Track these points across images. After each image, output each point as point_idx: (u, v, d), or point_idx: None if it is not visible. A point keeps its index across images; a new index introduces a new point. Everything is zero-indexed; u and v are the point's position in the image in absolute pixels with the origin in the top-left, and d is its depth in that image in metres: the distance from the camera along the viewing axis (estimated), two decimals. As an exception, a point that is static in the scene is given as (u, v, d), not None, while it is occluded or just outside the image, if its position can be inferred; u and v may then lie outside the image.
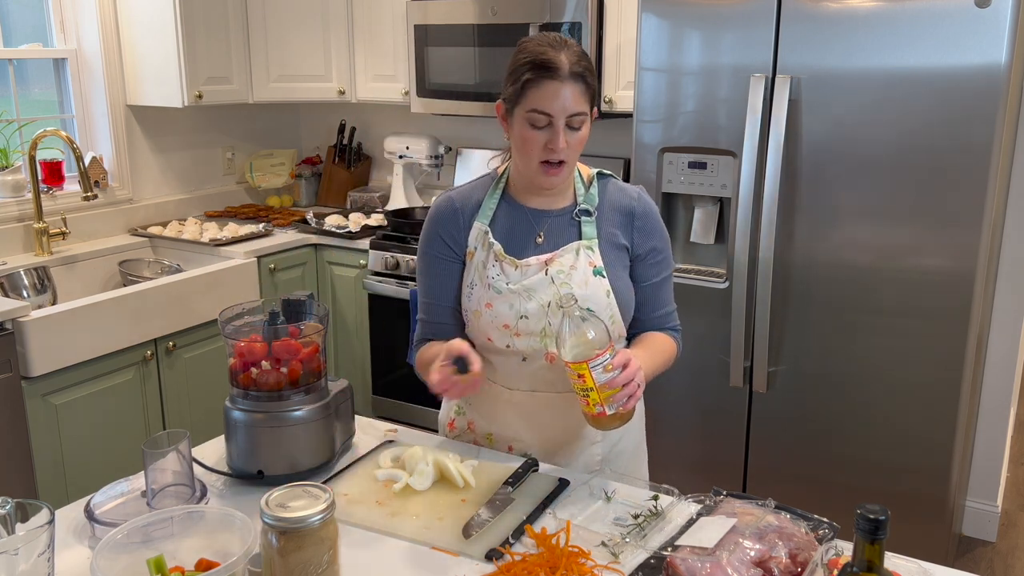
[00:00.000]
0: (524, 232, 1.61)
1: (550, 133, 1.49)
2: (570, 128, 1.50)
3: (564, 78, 1.46)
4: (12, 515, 1.14)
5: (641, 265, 1.64)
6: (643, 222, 1.62)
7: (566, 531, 1.31)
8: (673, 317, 1.71)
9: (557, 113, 1.48)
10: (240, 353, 1.50)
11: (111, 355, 2.81)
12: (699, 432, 2.80)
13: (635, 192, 1.65)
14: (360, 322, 3.64)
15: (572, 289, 1.55)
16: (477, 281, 1.60)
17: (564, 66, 1.46)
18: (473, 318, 1.61)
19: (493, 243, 1.60)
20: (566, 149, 1.50)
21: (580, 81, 1.48)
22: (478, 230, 1.61)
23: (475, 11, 3.32)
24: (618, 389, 1.38)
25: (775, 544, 1.20)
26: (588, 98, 1.50)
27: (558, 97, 1.47)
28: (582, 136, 1.52)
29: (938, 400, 2.41)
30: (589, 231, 1.60)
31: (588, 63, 1.51)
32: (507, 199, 1.64)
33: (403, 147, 3.83)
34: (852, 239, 2.45)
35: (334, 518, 1.12)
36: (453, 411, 1.76)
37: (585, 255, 1.58)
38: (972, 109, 2.23)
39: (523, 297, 1.56)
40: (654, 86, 2.67)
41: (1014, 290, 2.88)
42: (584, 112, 1.50)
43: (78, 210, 3.42)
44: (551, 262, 1.57)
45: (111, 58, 3.48)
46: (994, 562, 2.96)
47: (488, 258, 1.60)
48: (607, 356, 1.37)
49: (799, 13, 2.40)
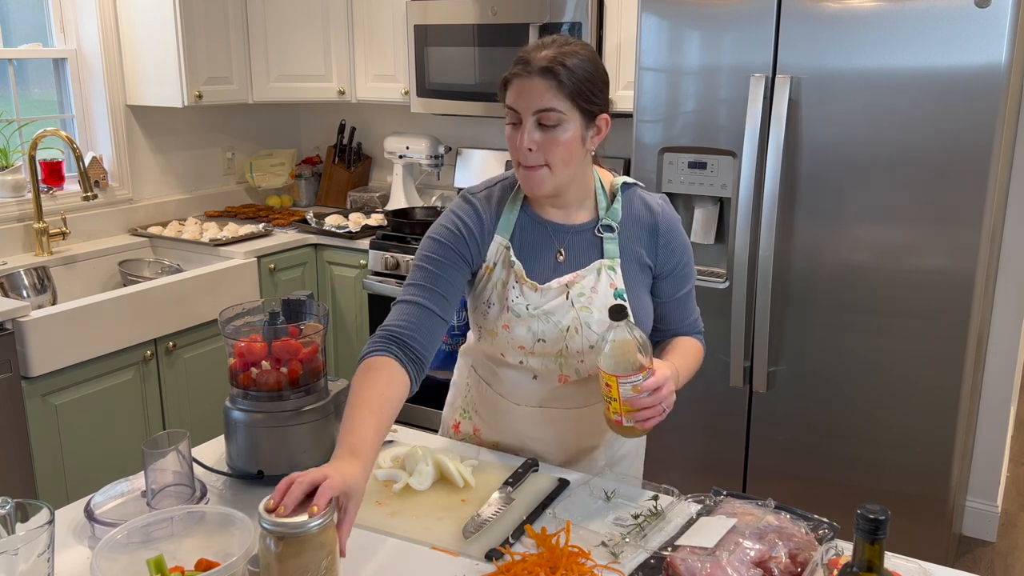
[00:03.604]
0: (544, 248, 1.55)
1: (520, 131, 1.44)
2: (543, 127, 1.42)
3: (532, 73, 1.41)
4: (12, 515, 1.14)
5: (668, 281, 1.59)
6: (667, 240, 1.56)
7: (566, 531, 1.31)
8: (699, 321, 1.68)
9: (522, 108, 1.42)
10: (240, 353, 1.50)
11: (111, 355, 2.81)
12: (699, 432, 2.80)
13: (658, 206, 1.58)
14: (360, 322, 3.64)
15: (592, 314, 1.51)
16: (495, 300, 1.55)
17: (534, 61, 1.41)
18: (488, 336, 1.58)
19: (514, 262, 1.54)
20: (536, 151, 1.43)
21: (550, 76, 1.40)
22: (499, 245, 1.55)
23: (475, 11, 3.32)
24: (640, 408, 1.37)
25: (775, 544, 1.20)
26: (564, 95, 1.41)
27: (523, 92, 1.42)
28: (560, 138, 1.43)
29: (938, 400, 2.41)
30: (612, 249, 1.54)
31: (573, 61, 1.41)
32: (527, 210, 1.57)
33: (403, 147, 3.83)
34: (852, 239, 2.45)
35: (333, 523, 1.12)
36: (459, 414, 1.75)
37: (607, 276, 1.53)
38: (972, 109, 2.23)
39: (542, 320, 1.53)
40: (654, 86, 2.67)
41: (1014, 290, 2.88)
42: (554, 109, 1.41)
43: (78, 210, 3.42)
44: (572, 285, 1.52)
45: (111, 58, 3.48)
46: (994, 562, 2.96)
47: (509, 278, 1.54)
48: (639, 377, 1.35)
49: (799, 13, 2.40)
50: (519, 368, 1.59)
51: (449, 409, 1.80)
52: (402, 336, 1.45)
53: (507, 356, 1.59)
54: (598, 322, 1.50)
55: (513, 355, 1.57)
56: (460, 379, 1.79)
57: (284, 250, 3.53)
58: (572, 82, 1.41)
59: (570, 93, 1.41)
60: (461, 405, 1.75)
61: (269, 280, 3.47)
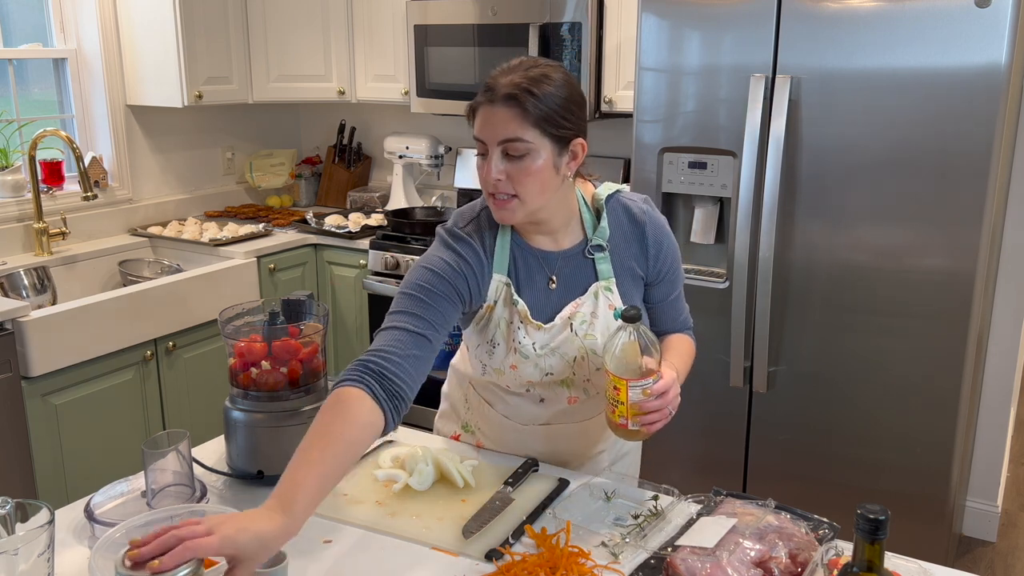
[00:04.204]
0: (536, 278, 1.51)
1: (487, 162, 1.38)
2: (510, 157, 1.35)
3: (496, 100, 1.34)
4: (12, 515, 1.14)
5: (659, 287, 1.58)
6: (657, 249, 1.54)
7: (566, 531, 1.31)
8: (689, 318, 1.67)
9: (488, 139, 1.36)
10: (240, 353, 1.50)
11: (111, 355, 2.80)
12: (699, 432, 2.80)
13: (642, 212, 1.54)
14: (360, 322, 3.64)
15: (597, 339, 1.49)
16: (500, 341, 1.51)
17: (498, 88, 1.34)
18: (494, 374, 1.56)
19: (517, 301, 1.49)
20: (505, 181, 1.36)
21: (514, 104, 1.32)
22: (498, 283, 1.50)
23: (475, 11, 3.32)
24: (648, 412, 1.35)
25: (775, 544, 1.20)
26: (529, 123, 1.33)
27: (488, 121, 1.36)
28: (530, 168, 1.35)
29: (938, 400, 2.41)
30: (605, 269, 1.51)
31: (542, 87, 1.34)
32: (516, 241, 1.51)
33: (403, 147, 3.83)
34: (852, 239, 2.45)
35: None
36: (459, 427, 1.74)
37: (604, 298, 1.51)
38: (972, 109, 2.23)
39: (549, 356, 1.51)
40: (654, 86, 2.67)
41: (1014, 290, 2.88)
42: (519, 139, 1.34)
43: (78, 210, 3.42)
44: (574, 316, 1.50)
45: (111, 58, 3.48)
46: (994, 562, 2.96)
47: (513, 318, 1.50)
48: (649, 381, 1.34)
49: (799, 13, 2.40)
50: (525, 396, 1.59)
51: (443, 421, 1.78)
52: (382, 368, 1.30)
53: (513, 387, 1.58)
54: (602, 346, 1.48)
55: (515, 382, 1.57)
56: (454, 394, 1.76)
57: (284, 250, 3.53)
58: (538, 110, 1.34)
59: (536, 121, 1.34)
60: (460, 420, 1.74)
61: (269, 280, 3.47)
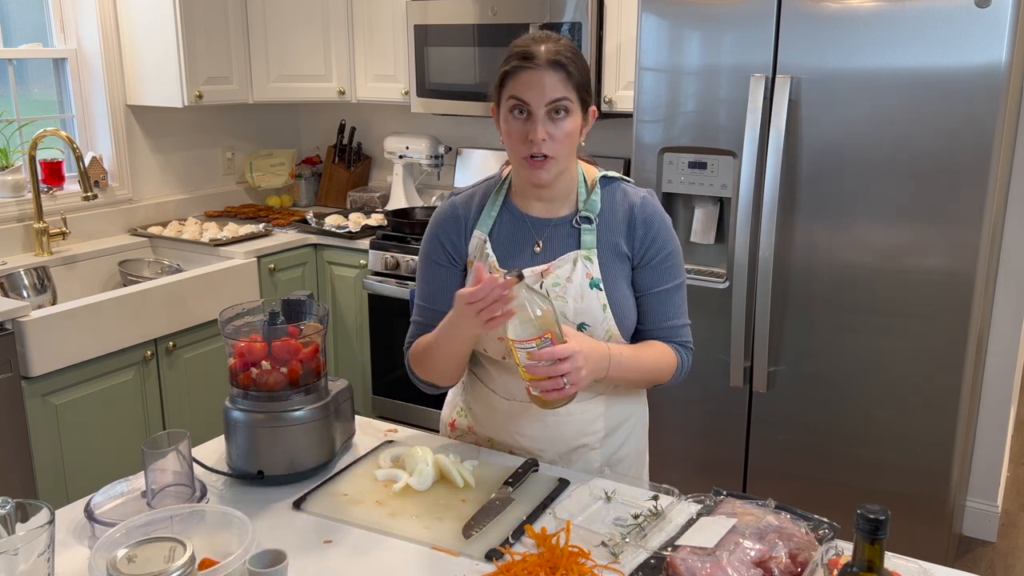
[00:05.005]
0: (523, 242, 1.58)
1: (530, 124, 1.46)
2: (552, 119, 1.46)
3: (541, 66, 1.44)
4: (12, 515, 1.14)
5: (646, 271, 1.58)
6: (646, 228, 1.56)
7: (566, 531, 1.31)
8: (682, 332, 1.62)
9: (534, 101, 1.45)
10: (240, 353, 1.50)
11: (111, 355, 2.80)
12: (699, 432, 2.80)
13: (639, 197, 1.59)
14: (360, 322, 3.64)
15: (568, 304, 1.52)
16: None
17: (541, 54, 1.44)
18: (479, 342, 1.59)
19: (489, 254, 1.57)
20: (549, 141, 1.46)
21: (559, 69, 1.44)
22: (477, 240, 1.59)
23: (475, 11, 3.32)
24: (541, 378, 1.38)
25: (775, 544, 1.20)
26: (572, 86, 1.46)
27: (534, 84, 1.44)
28: (567, 129, 1.47)
29: (938, 400, 2.41)
30: (589, 240, 1.55)
31: (573, 55, 1.48)
32: (508, 206, 1.60)
33: (403, 147, 3.83)
34: (852, 239, 2.45)
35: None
36: (456, 412, 1.76)
37: (583, 266, 1.54)
38: (972, 109, 2.23)
39: None
40: (654, 86, 2.67)
41: (1014, 290, 2.88)
42: (564, 97, 1.45)
43: (78, 210, 3.42)
44: (547, 274, 1.54)
45: (111, 58, 3.48)
46: (994, 562, 2.96)
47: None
48: (533, 345, 1.37)
49: (799, 13, 2.40)
50: (503, 364, 1.60)
51: (448, 407, 1.80)
52: None
53: (490, 351, 1.60)
54: (574, 311, 1.52)
55: (495, 349, 1.58)
56: None
57: (284, 250, 3.53)
58: (577, 76, 1.47)
59: (576, 85, 1.47)
60: (457, 402, 1.76)
61: (269, 280, 3.47)
